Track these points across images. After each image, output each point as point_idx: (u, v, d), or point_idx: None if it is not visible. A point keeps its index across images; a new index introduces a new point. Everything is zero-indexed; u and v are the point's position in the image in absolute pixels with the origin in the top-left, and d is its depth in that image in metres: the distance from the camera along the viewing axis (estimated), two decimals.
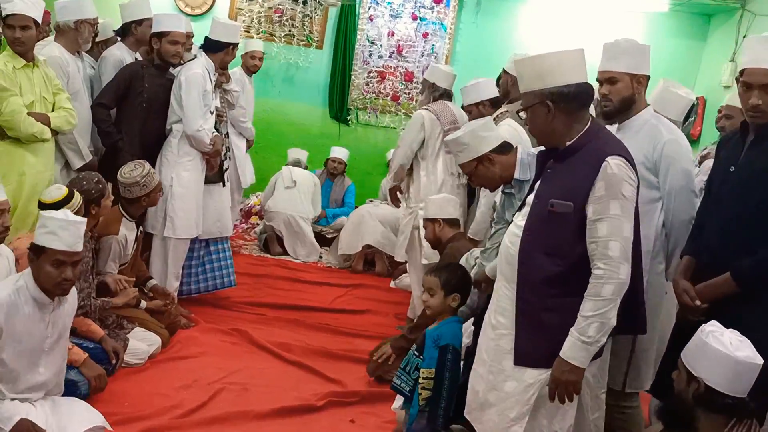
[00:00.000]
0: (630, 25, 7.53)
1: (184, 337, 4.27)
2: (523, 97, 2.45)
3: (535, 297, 2.39)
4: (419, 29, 7.66)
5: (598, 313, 2.26)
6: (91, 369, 3.32)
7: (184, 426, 3.27)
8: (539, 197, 2.42)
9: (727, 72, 6.72)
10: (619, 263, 2.26)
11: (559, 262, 2.34)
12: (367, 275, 6.20)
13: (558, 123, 2.38)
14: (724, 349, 2.13)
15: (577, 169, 2.34)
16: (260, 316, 4.84)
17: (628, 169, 2.30)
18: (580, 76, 2.37)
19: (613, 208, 2.26)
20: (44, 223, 2.77)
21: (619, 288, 2.27)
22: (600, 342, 2.29)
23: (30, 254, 2.79)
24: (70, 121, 3.94)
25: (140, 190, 4.00)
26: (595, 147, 2.35)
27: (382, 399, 3.79)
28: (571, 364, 2.30)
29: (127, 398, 3.45)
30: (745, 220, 2.47)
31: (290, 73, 7.68)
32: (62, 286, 2.79)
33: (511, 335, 2.44)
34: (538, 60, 2.39)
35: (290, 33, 7.64)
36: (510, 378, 2.45)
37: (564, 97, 2.34)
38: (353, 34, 7.58)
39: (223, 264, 4.97)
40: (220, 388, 3.69)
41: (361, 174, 7.69)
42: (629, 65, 2.85)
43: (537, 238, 2.39)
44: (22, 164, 3.72)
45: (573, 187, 2.33)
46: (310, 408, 3.61)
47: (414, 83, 7.71)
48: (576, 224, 2.31)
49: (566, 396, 2.35)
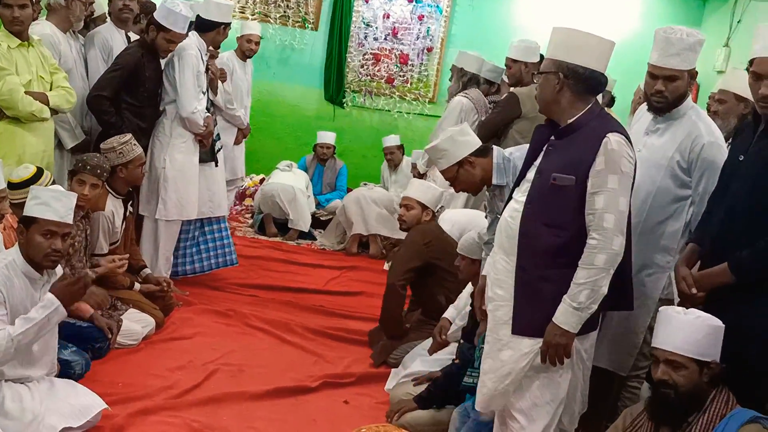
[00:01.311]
0: (626, 9, 7.53)
1: (178, 318, 4.28)
2: (543, 63, 2.53)
3: (534, 267, 2.46)
4: (415, 11, 7.63)
5: (590, 280, 2.35)
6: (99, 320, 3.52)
7: (178, 406, 3.29)
8: (541, 172, 2.49)
9: (721, 57, 6.73)
10: (614, 235, 2.34)
11: (559, 233, 2.42)
12: (361, 257, 6.22)
13: (563, 97, 2.46)
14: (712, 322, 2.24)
15: (579, 145, 2.42)
16: (254, 297, 4.85)
17: (627, 146, 2.39)
18: (600, 65, 2.45)
19: (611, 182, 2.34)
20: (36, 195, 2.79)
21: (612, 258, 2.35)
22: (590, 309, 2.37)
23: (20, 227, 2.81)
24: (69, 100, 3.91)
25: (116, 157, 3.93)
26: (595, 125, 2.43)
27: (376, 380, 3.83)
28: (561, 329, 2.39)
29: (121, 379, 3.46)
30: (750, 210, 2.43)
31: (285, 55, 7.65)
32: (51, 258, 2.81)
33: (508, 306, 2.51)
34: (571, 34, 2.46)
35: (285, 14, 7.59)
36: (506, 347, 2.52)
37: (577, 75, 2.42)
38: (349, 16, 7.55)
39: (225, 243, 4.97)
40: (214, 369, 3.70)
41: (355, 156, 7.69)
42: (692, 62, 2.76)
43: (538, 210, 2.46)
44: (22, 145, 3.71)
45: (575, 161, 2.40)
46: (305, 389, 3.63)
47: (409, 66, 7.70)
48: (577, 197, 2.39)
49: (557, 359, 2.43)
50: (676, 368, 2.23)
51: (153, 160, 4.44)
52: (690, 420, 2.24)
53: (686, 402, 2.23)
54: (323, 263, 5.82)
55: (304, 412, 3.45)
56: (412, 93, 7.77)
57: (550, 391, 2.51)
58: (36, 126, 3.78)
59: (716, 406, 2.23)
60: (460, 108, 5.01)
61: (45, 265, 2.83)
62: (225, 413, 3.31)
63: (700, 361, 2.23)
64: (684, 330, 2.24)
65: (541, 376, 2.50)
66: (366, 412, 3.47)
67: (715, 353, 2.25)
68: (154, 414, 3.18)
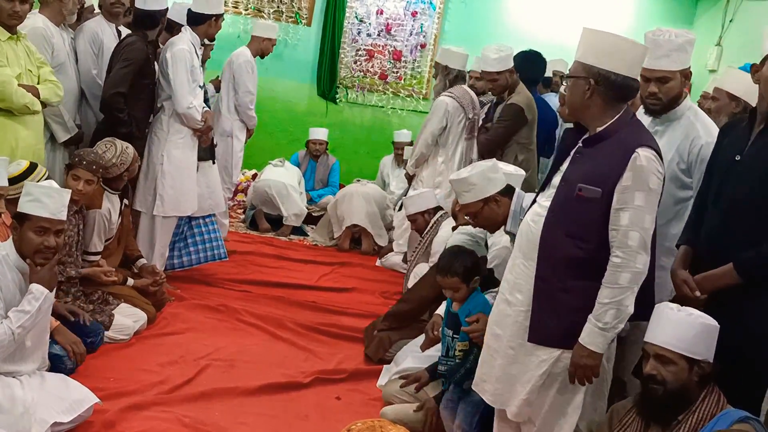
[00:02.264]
0: (618, 8, 7.55)
1: (170, 313, 4.27)
2: (573, 66, 2.44)
3: (554, 277, 2.42)
4: (408, 8, 7.62)
5: (615, 300, 2.31)
6: (65, 337, 3.26)
7: (170, 401, 3.28)
8: (566, 180, 2.43)
9: (713, 56, 6.76)
10: (637, 253, 2.30)
11: (581, 245, 2.37)
12: (353, 253, 6.21)
13: (593, 104, 2.39)
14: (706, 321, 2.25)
15: (607, 156, 2.35)
16: (246, 293, 4.84)
17: (656, 162, 2.32)
18: (633, 71, 2.38)
19: (637, 199, 2.29)
20: (29, 191, 2.78)
21: (636, 277, 2.31)
22: (617, 328, 2.34)
23: (14, 222, 2.80)
24: (57, 93, 3.89)
25: (117, 169, 3.99)
26: (625, 136, 2.36)
27: (369, 376, 3.83)
28: (588, 350, 2.35)
29: (112, 374, 3.45)
30: (751, 211, 2.41)
31: (278, 50, 7.59)
32: (44, 254, 2.80)
33: (528, 311, 2.49)
34: (603, 37, 2.37)
35: (279, 9, 7.58)
36: (530, 353, 2.50)
37: (609, 82, 2.34)
38: (342, 12, 7.53)
39: (213, 237, 4.98)
40: (206, 364, 3.70)
41: (347, 152, 7.68)
42: (683, 62, 2.75)
43: (561, 219, 2.41)
44: (14, 138, 3.68)
45: (602, 173, 2.34)
46: (297, 385, 3.63)
47: (402, 62, 7.69)
48: (602, 210, 2.34)
49: (585, 379, 2.41)
50: (665, 363, 2.23)
51: (150, 156, 4.43)
52: (680, 419, 2.25)
53: (674, 399, 2.23)
54: (315, 259, 5.82)
55: (296, 407, 3.45)
56: (405, 89, 7.78)
57: (568, 399, 2.50)
58: (27, 119, 3.76)
59: (707, 406, 2.24)
60: (445, 108, 5.00)
61: (37, 262, 2.81)
62: (216, 408, 3.30)
63: (690, 358, 2.22)
64: (675, 326, 2.24)
65: (559, 381, 2.48)
66: (358, 408, 3.47)
67: (706, 353, 2.24)
68: (146, 409, 3.17)
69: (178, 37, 4.40)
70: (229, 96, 5.60)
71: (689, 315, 2.26)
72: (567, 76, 2.48)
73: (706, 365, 2.25)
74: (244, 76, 5.55)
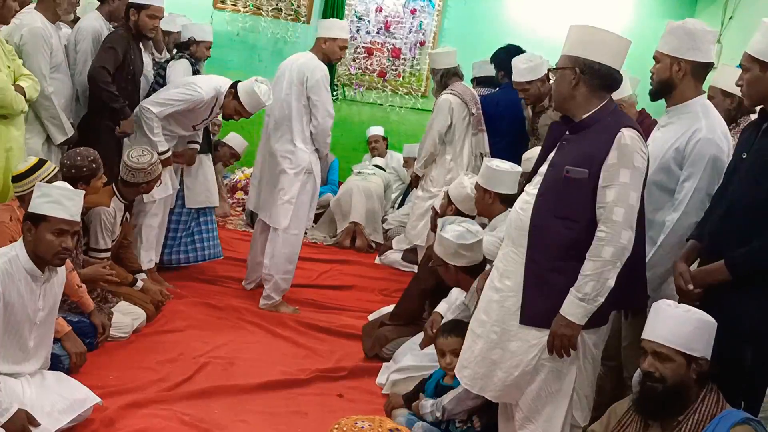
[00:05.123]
0: (618, 5, 7.54)
1: (169, 311, 4.26)
2: (560, 59, 2.54)
3: (544, 259, 2.47)
4: (407, 5, 7.61)
5: (596, 272, 2.36)
6: (73, 343, 3.29)
7: (169, 399, 3.28)
8: (554, 165, 2.51)
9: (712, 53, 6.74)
10: (622, 228, 2.35)
11: (571, 225, 2.43)
12: (352, 251, 6.22)
13: (578, 93, 2.48)
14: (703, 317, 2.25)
15: (593, 139, 2.44)
16: (246, 290, 4.84)
17: (640, 142, 2.41)
18: (616, 62, 2.48)
19: (622, 176, 2.36)
20: (47, 192, 2.79)
21: (619, 252, 2.36)
22: (596, 301, 2.38)
23: (27, 224, 2.80)
24: (36, 88, 3.80)
25: (144, 176, 4.00)
26: (609, 120, 2.46)
27: (369, 373, 3.84)
28: (567, 320, 2.40)
29: (112, 371, 3.45)
30: (749, 208, 2.42)
31: (278, 48, 7.61)
32: (60, 256, 2.82)
33: (516, 297, 2.52)
34: (588, 30, 2.48)
35: (278, 7, 7.56)
36: (515, 338, 2.53)
37: (593, 71, 2.45)
38: (341, 10, 7.52)
39: (212, 235, 4.99)
40: (205, 362, 3.69)
41: (346, 150, 7.67)
42: (671, 47, 2.78)
43: (550, 202, 2.47)
44: (8, 140, 3.63)
45: (588, 155, 2.43)
46: (297, 382, 3.63)
47: (401, 60, 7.69)
48: (589, 190, 2.41)
49: (563, 350, 2.44)
50: (663, 360, 2.24)
51: None
52: (680, 419, 2.24)
53: (673, 396, 2.23)
54: (315, 257, 5.81)
55: (296, 405, 3.45)
56: (404, 87, 7.76)
57: (555, 383, 2.52)
58: (17, 119, 3.71)
59: (707, 406, 2.24)
60: (449, 106, 5.00)
61: (54, 263, 2.84)
62: (216, 406, 3.30)
63: (688, 355, 2.23)
64: (673, 322, 2.25)
65: (547, 367, 2.51)
66: (359, 406, 3.47)
67: (704, 350, 2.25)
68: (145, 407, 3.17)
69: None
70: (303, 122, 4.47)
71: (687, 311, 2.27)
72: (554, 69, 2.57)
73: (704, 363, 2.24)
74: (323, 95, 4.45)
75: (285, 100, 4.45)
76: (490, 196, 3.62)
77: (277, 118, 4.49)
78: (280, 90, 4.47)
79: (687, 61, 2.77)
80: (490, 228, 3.67)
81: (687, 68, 2.78)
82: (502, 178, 3.63)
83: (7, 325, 2.76)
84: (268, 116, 4.58)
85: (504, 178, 3.61)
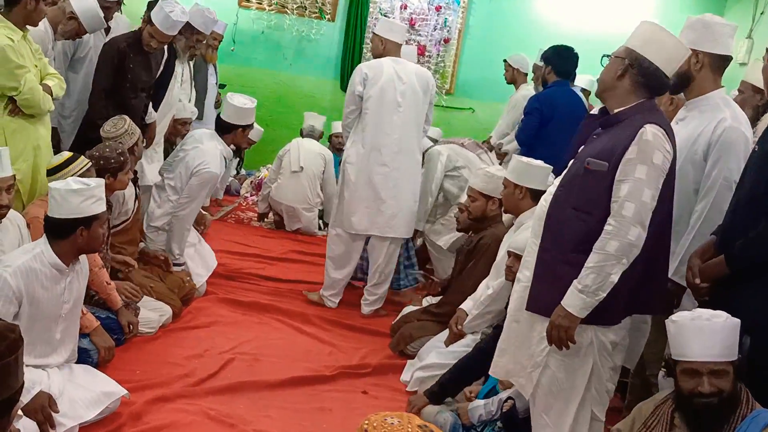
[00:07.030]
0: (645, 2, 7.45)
1: (195, 307, 4.29)
2: (618, 48, 2.52)
3: (556, 249, 2.47)
4: (432, 2, 7.59)
5: (598, 265, 2.33)
6: (101, 338, 3.33)
7: (195, 394, 3.30)
8: (578, 158, 2.50)
9: (744, 49, 6.65)
10: (630, 224, 2.31)
11: (585, 218, 2.41)
12: None
13: (621, 84, 2.46)
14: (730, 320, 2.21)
15: (618, 135, 2.41)
16: (270, 288, 4.84)
17: (663, 139, 2.36)
18: (668, 67, 2.45)
19: (638, 172, 2.32)
20: (95, 194, 2.89)
21: (625, 248, 2.31)
22: (596, 295, 2.34)
23: (81, 228, 2.85)
24: (62, 86, 3.85)
25: (129, 138, 3.96)
26: (638, 117, 2.42)
27: (394, 370, 3.83)
28: (566, 310, 2.38)
29: (138, 366, 3.48)
30: (755, 200, 2.41)
31: (302, 46, 7.65)
32: (101, 243, 3.02)
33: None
34: (653, 28, 2.46)
35: (302, 5, 7.58)
36: (531, 328, 2.55)
37: (642, 68, 2.42)
38: (366, 7, 7.53)
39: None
40: (230, 357, 3.71)
41: None
42: (689, 39, 2.77)
43: (569, 193, 2.47)
44: (36, 138, 3.66)
45: (610, 148, 2.40)
46: (322, 379, 3.64)
47: (426, 57, 7.66)
48: (607, 184, 2.38)
49: (560, 340, 2.41)
50: (720, 377, 2.18)
51: None
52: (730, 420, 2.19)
53: (728, 403, 2.19)
54: None
55: (320, 401, 3.45)
56: None
57: (566, 379, 2.50)
58: (44, 118, 3.75)
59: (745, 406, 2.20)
60: None
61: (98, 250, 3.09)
62: (241, 401, 3.32)
63: (733, 361, 2.20)
64: (717, 336, 2.19)
65: (557, 360, 2.49)
66: (383, 403, 3.47)
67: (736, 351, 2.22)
68: (172, 402, 3.19)
69: (210, 152, 4.44)
70: None
71: (708, 320, 2.20)
72: (608, 55, 2.54)
73: (739, 363, 2.22)
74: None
75: (412, 106, 4.49)
76: (521, 191, 3.58)
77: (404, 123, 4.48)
78: (401, 94, 4.45)
79: (705, 54, 2.79)
80: (516, 226, 3.63)
81: (705, 60, 2.79)
82: (534, 172, 3.59)
83: (34, 319, 2.79)
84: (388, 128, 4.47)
85: (536, 173, 3.58)
